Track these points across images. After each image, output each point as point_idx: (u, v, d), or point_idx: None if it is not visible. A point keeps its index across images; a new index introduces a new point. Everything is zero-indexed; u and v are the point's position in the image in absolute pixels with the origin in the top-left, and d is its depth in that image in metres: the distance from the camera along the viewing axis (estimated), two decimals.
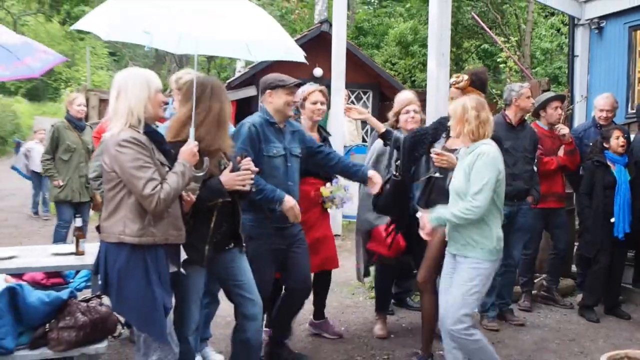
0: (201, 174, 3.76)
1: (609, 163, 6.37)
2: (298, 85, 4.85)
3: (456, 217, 4.20)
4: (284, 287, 5.04)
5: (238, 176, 3.92)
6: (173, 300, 3.76)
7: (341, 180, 5.36)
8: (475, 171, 4.19)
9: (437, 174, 4.85)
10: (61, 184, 7.76)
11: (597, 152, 6.48)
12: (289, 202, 4.52)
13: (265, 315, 4.94)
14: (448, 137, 4.87)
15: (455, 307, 4.26)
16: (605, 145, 6.44)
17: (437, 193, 4.83)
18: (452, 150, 4.77)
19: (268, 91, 4.76)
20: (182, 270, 3.72)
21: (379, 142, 5.62)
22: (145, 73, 3.59)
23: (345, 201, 5.34)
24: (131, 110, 3.46)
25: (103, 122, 8.74)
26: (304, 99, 5.36)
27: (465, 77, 4.77)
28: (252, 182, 4.00)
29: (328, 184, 5.34)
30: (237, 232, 4.15)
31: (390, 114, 5.65)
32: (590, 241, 6.46)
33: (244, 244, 4.20)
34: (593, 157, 6.47)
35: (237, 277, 4.16)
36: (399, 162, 5.14)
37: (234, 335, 4.30)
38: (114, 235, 3.43)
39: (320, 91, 5.40)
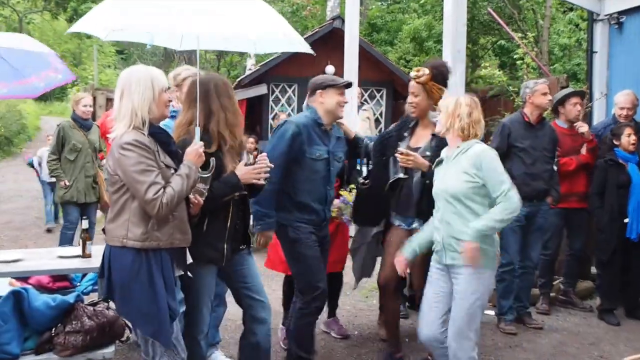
0: (207, 175, 3.76)
1: (621, 161, 6.33)
2: (348, 85, 4.87)
3: (502, 222, 3.98)
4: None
5: (254, 169, 3.94)
6: (180, 304, 3.76)
7: (349, 198, 5.39)
8: (491, 169, 4.04)
9: (401, 175, 4.79)
10: (67, 184, 7.79)
11: (606, 150, 6.43)
12: (267, 235, 4.62)
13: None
14: (411, 135, 4.87)
15: (458, 325, 4.05)
16: (616, 142, 6.42)
17: (406, 195, 4.79)
18: (416, 149, 4.75)
19: (319, 91, 4.77)
20: (189, 273, 3.72)
21: None
22: (150, 71, 3.54)
23: (346, 220, 5.43)
24: (135, 111, 3.42)
25: (103, 116, 8.79)
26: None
27: (427, 70, 4.65)
28: (267, 175, 4.02)
29: (336, 201, 5.37)
30: (246, 231, 4.16)
31: None
32: (604, 242, 6.43)
33: (252, 245, 4.20)
34: (606, 155, 6.43)
35: (247, 279, 4.17)
36: (364, 169, 5.15)
37: (242, 340, 4.31)
38: (117, 239, 3.42)
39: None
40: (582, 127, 6.49)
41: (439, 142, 4.58)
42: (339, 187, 5.47)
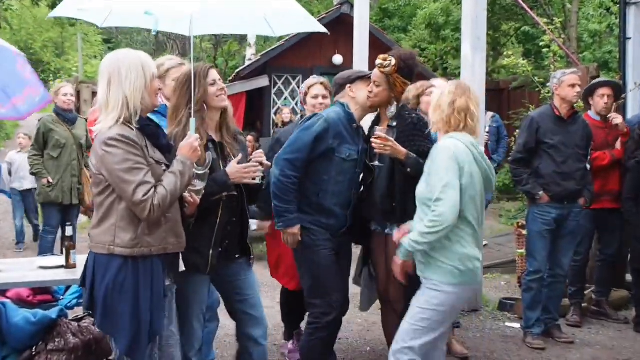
0: (204, 171, 3.74)
1: None
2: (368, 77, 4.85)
3: (421, 238, 3.84)
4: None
5: (245, 168, 3.91)
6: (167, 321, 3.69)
7: None
8: (434, 173, 3.89)
9: (377, 162, 4.69)
10: (50, 181, 7.77)
11: (634, 147, 6.39)
12: (292, 233, 4.55)
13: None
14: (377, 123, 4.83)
15: (400, 335, 3.99)
16: None
17: (378, 189, 4.67)
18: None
19: (349, 86, 4.79)
20: (175, 284, 3.70)
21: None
22: (140, 56, 3.46)
23: None
24: (127, 101, 3.33)
25: (90, 112, 8.78)
26: (305, 93, 5.45)
27: (393, 60, 4.55)
28: (261, 175, 4.00)
29: None
30: (244, 240, 4.13)
31: (411, 96, 5.55)
32: (637, 249, 6.38)
33: (251, 256, 4.19)
34: (637, 155, 6.38)
35: (243, 291, 4.16)
36: None
37: (238, 356, 4.32)
38: (102, 245, 3.33)
39: (322, 84, 5.44)
40: (617, 119, 6.46)
41: (392, 134, 4.55)
42: None
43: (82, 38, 31.20)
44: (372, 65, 8.71)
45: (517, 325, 6.55)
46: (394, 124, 4.64)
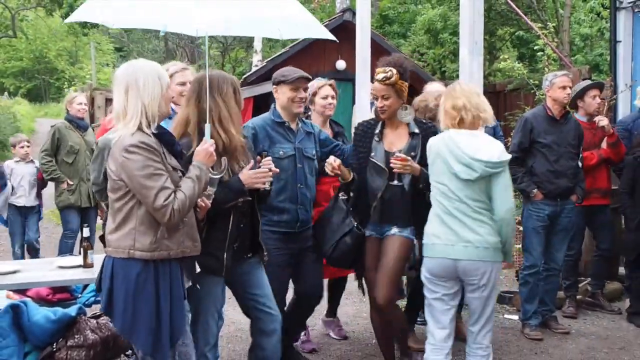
0: (219, 176, 3.74)
1: None
2: (304, 79, 4.84)
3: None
4: (293, 292, 5.13)
5: (256, 174, 3.92)
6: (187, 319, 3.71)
7: None
8: None
9: (396, 182, 4.64)
10: (70, 183, 7.81)
11: (637, 144, 6.40)
12: None
13: None
14: (382, 138, 4.73)
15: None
16: None
17: (391, 202, 4.65)
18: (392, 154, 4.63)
19: (274, 87, 4.87)
20: (197, 285, 3.70)
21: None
22: (155, 66, 3.46)
23: None
24: (145, 109, 3.31)
25: (106, 121, 8.79)
26: (314, 94, 5.42)
27: (394, 70, 4.53)
28: (271, 180, 4.02)
29: None
30: (256, 239, 4.14)
31: (432, 105, 5.52)
32: (633, 243, 6.40)
33: (265, 254, 4.20)
34: (635, 151, 6.39)
35: (256, 289, 4.16)
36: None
37: (251, 354, 4.33)
38: (122, 250, 3.30)
39: (330, 85, 5.46)
40: (602, 121, 6.47)
41: (418, 141, 4.60)
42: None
43: (95, 47, 31.21)
44: (374, 70, 8.75)
45: (515, 317, 6.56)
46: (416, 130, 4.67)
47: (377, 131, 4.72)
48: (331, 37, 4.51)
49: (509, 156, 4.18)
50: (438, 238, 4.17)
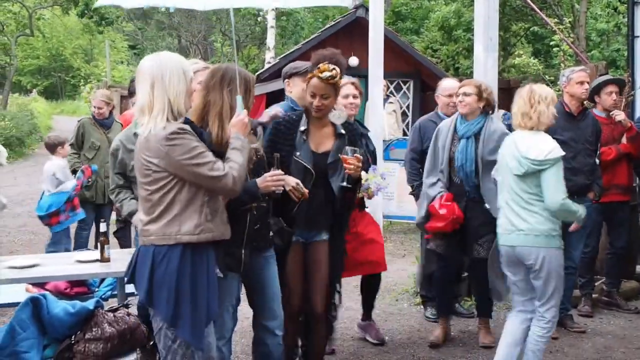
0: (256, 144, 3.86)
1: None
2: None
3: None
4: None
5: (273, 176, 3.92)
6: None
7: (379, 168, 5.34)
8: None
9: (346, 183, 4.51)
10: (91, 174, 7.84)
11: None
12: None
13: None
14: (307, 137, 4.49)
15: None
16: None
17: (321, 205, 4.48)
18: (325, 154, 4.49)
19: (285, 81, 4.91)
20: (223, 275, 3.76)
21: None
22: (181, 60, 3.48)
23: (381, 188, 5.25)
24: (170, 104, 3.34)
25: (128, 115, 8.83)
26: None
27: (337, 68, 4.42)
28: (283, 183, 4.00)
29: (362, 172, 5.29)
30: (268, 233, 4.19)
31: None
32: None
33: (276, 245, 4.24)
34: None
35: (266, 285, 4.21)
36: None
37: (255, 348, 4.36)
38: (167, 237, 3.35)
39: (353, 83, 5.36)
40: (619, 115, 6.41)
41: (345, 142, 4.50)
42: None
43: (110, 45, 31.34)
44: (387, 67, 8.77)
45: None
46: (342, 131, 4.54)
47: (302, 129, 4.47)
48: (347, 3, 4.45)
49: (557, 154, 4.51)
50: (501, 227, 4.72)
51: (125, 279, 3.60)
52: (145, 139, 3.34)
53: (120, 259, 4.90)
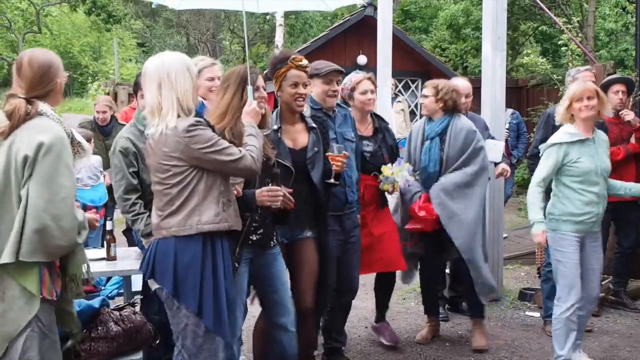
0: (268, 131, 3.97)
1: None
2: (336, 72, 4.88)
3: None
4: None
5: (270, 192, 3.92)
6: None
7: (404, 162, 5.35)
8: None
9: (333, 180, 4.51)
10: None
11: None
12: None
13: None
14: (281, 134, 4.44)
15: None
16: None
17: (307, 205, 4.47)
18: (303, 150, 4.49)
19: (308, 80, 4.84)
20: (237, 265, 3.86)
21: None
22: (184, 58, 3.58)
23: (410, 183, 5.27)
24: (179, 102, 3.46)
25: (127, 110, 8.83)
26: (352, 89, 5.35)
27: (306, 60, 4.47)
28: (281, 200, 3.95)
29: (389, 164, 5.29)
30: (273, 227, 4.19)
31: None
32: None
33: (278, 238, 4.25)
34: None
35: (274, 281, 4.20)
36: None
37: (268, 346, 4.34)
38: (189, 227, 3.45)
39: (369, 79, 5.37)
40: (628, 115, 6.42)
41: (318, 135, 4.52)
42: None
43: (118, 42, 31.39)
44: (395, 65, 8.75)
45: (536, 314, 6.54)
46: (314, 124, 4.56)
47: (275, 127, 4.44)
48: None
49: (546, 144, 5.00)
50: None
51: (145, 275, 3.64)
52: (161, 135, 3.43)
53: (126, 257, 4.92)
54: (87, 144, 3.69)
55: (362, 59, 14.16)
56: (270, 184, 4.01)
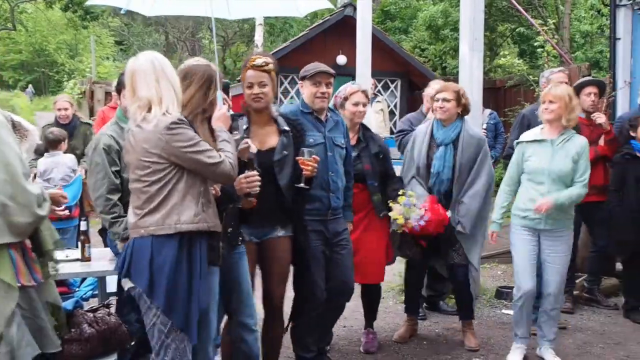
0: (238, 136, 3.92)
1: (638, 154, 6.34)
2: (324, 74, 4.84)
3: (571, 201, 5.15)
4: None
5: (247, 178, 3.93)
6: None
7: (409, 194, 5.32)
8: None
9: (303, 184, 4.42)
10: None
11: (623, 141, 6.46)
12: None
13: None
14: (248, 134, 4.33)
15: (563, 280, 5.30)
16: (632, 134, 6.43)
17: (273, 202, 4.37)
18: (270, 151, 4.41)
19: (299, 82, 4.93)
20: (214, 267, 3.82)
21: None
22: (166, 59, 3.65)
23: (424, 218, 5.26)
24: (177, 94, 3.52)
25: (106, 110, 8.73)
26: (345, 99, 5.35)
27: (271, 59, 4.37)
28: (258, 188, 3.98)
29: (396, 205, 5.28)
30: (239, 229, 4.18)
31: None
32: (621, 241, 6.43)
33: (241, 238, 4.21)
34: (624, 149, 6.44)
35: (239, 281, 4.19)
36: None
37: (233, 346, 4.32)
38: (167, 226, 3.44)
39: (363, 92, 5.39)
40: (600, 118, 6.47)
41: (289, 139, 4.45)
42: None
43: (95, 40, 31.14)
44: (375, 65, 8.76)
45: (512, 312, 6.56)
46: (286, 127, 4.49)
47: (244, 127, 4.37)
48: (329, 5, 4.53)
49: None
50: None
51: (121, 274, 3.60)
52: (142, 131, 3.44)
53: (101, 258, 4.87)
54: (31, 126, 3.71)
55: (341, 59, 14.18)
56: (246, 171, 3.98)
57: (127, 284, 3.56)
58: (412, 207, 5.22)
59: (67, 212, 4.42)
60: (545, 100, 5.12)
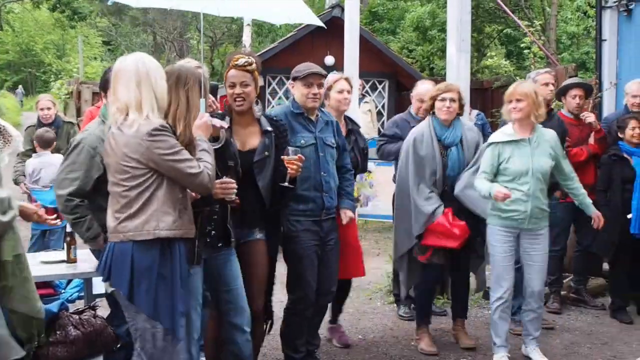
0: (219, 145, 3.87)
1: (625, 155, 6.35)
2: (316, 75, 4.83)
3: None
4: None
5: (222, 184, 3.90)
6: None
7: (366, 176, 5.34)
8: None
9: (287, 183, 4.43)
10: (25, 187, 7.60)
11: (611, 143, 6.48)
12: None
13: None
14: (231, 135, 4.31)
15: (545, 277, 5.42)
16: (620, 135, 6.46)
17: (254, 203, 4.40)
18: (251, 152, 4.41)
19: (290, 82, 4.92)
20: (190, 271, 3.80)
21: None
22: (155, 61, 3.61)
23: (371, 199, 5.30)
24: (158, 101, 3.48)
25: (88, 113, 8.66)
26: (329, 88, 5.38)
27: (253, 59, 4.35)
28: (234, 194, 3.95)
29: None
30: (226, 226, 4.15)
31: (427, 98, 5.67)
32: (606, 241, 6.44)
33: (232, 239, 4.18)
34: (610, 150, 6.47)
35: (229, 282, 4.18)
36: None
37: (224, 348, 4.31)
38: (147, 232, 3.43)
39: (346, 79, 5.45)
40: (589, 117, 6.53)
41: (271, 139, 4.44)
42: None
43: (83, 40, 31.02)
44: (362, 66, 8.74)
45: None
46: (269, 128, 4.46)
47: (226, 125, 4.25)
48: (320, 23, 4.50)
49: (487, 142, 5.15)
50: None
51: (102, 277, 3.63)
52: (123, 135, 3.42)
53: (87, 259, 4.82)
54: (15, 132, 3.67)
55: (329, 60, 14.14)
56: (223, 177, 3.95)
57: (109, 288, 3.56)
58: (364, 184, 5.24)
59: (58, 221, 4.36)
60: (512, 99, 5.09)
